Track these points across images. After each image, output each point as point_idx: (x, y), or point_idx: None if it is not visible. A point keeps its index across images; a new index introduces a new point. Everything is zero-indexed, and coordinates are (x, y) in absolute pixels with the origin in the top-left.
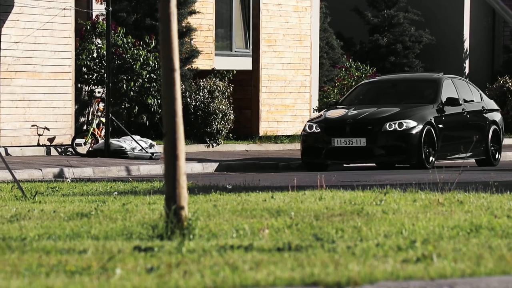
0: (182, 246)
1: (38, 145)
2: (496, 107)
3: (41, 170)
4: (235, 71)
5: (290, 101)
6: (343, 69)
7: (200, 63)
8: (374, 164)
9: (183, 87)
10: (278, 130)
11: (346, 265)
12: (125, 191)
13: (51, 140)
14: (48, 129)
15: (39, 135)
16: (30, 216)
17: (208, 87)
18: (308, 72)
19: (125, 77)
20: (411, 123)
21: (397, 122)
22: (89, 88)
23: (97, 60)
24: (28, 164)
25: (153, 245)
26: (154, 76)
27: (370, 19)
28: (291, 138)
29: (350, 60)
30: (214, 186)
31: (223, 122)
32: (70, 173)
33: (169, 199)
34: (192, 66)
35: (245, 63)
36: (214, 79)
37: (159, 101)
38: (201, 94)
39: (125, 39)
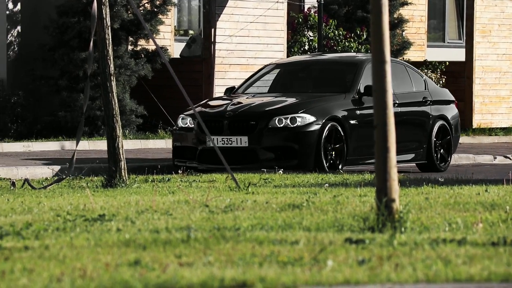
0: (394, 239)
1: None
2: (449, 98)
3: None
4: (447, 63)
5: (505, 92)
6: None
7: (412, 55)
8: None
9: None
10: (492, 122)
11: None
12: (336, 183)
13: None
14: None
15: None
16: (243, 206)
17: None
18: None
19: None
20: (307, 118)
21: (289, 116)
22: None
23: (308, 53)
24: None
25: (364, 237)
26: None
27: None
28: (506, 131)
29: None
30: (426, 179)
31: None
32: None
33: (380, 192)
34: (403, 58)
35: (458, 54)
36: (426, 70)
37: None
38: None
39: (336, 31)
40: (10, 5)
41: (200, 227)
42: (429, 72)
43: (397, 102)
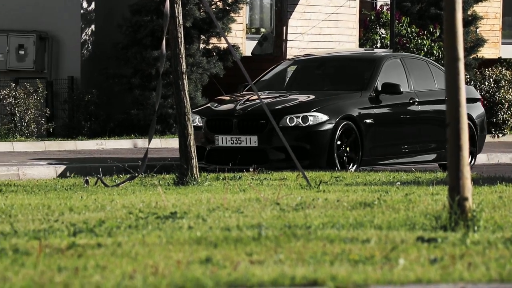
0: (466, 238)
1: None
2: (475, 95)
3: None
4: None
5: None
6: None
7: (486, 52)
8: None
9: (468, 76)
10: None
11: None
12: (408, 181)
13: None
14: None
15: None
16: (314, 204)
17: (493, 76)
18: None
19: None
20: (320, 117)
21: (301, 115)
22: None
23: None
24: None
25: (436, 236)
26: None
27: None
28: None
29: None
30: (500, 177)
31: (509, 112)
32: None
33: (453, 190)
34: (477, 55)
35: None
36: (501, 68)
37: None
38: (486, 83)
39: (409, 29)
40: (85, 4)
41: (271, 225)
42: (503, 69)
43: (418, 100)
